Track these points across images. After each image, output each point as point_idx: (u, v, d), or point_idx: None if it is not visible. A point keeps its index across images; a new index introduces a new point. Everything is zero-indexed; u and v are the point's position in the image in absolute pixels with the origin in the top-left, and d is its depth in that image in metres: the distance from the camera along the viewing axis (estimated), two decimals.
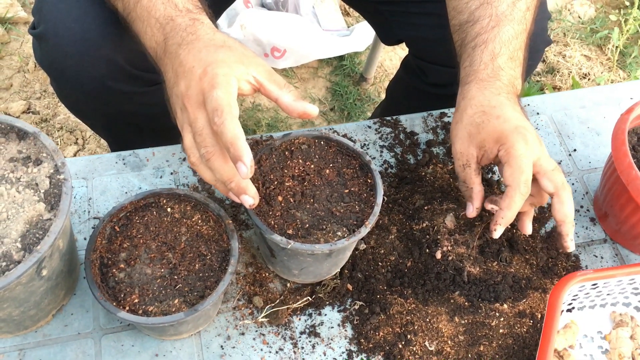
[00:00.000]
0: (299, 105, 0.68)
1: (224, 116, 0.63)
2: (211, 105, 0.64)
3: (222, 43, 0.69)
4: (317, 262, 0.78)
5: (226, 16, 1.80)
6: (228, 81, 0.65)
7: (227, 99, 0.64)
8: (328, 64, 1.93)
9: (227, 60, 0.66)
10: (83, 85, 0.92)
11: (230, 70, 0.66)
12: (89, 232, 0.86)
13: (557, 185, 0.76)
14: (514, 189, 0.74)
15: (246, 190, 0.68)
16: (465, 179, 0.80)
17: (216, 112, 0.63)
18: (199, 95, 0.65)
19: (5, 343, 0.77)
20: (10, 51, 1.83)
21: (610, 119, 1.07)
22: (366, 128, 1.01)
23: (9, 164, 0.69)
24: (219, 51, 0.67)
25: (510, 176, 0.74)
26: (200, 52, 0.67)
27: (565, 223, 0.77)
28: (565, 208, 0.76)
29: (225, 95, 0.64)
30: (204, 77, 0.65)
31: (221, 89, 0.64)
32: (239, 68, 0.67)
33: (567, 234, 0.77)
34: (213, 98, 0.64)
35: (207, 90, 0.64)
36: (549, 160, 0.77)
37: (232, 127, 0.63)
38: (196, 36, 0.69)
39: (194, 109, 0.66)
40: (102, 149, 1.67)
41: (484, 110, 0.78)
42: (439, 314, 0.81)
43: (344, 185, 0.79)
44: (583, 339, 0.84)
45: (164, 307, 0.70)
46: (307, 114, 0.68)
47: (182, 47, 0.68)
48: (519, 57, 0.83)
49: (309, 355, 0.80)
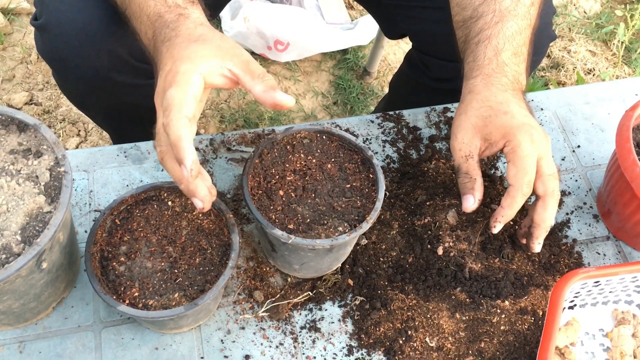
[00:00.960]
0: (269, 95, 0.64)
1: (171, 116, 0.61)
2: (163, 104, 0.62)
3: (197, 37, 0.66)
4: (318, 257, 0.78)
5: (229, 9, 1.79)
6: (187, 79, 0.63)
7: (180, 97, 0.62)
8: (331, 58, 1.92)
9: (193, 56, 0.64)
10: (85, 77, 0.91)
11: (193, 67, 0.63)
12: (89, 224, 0.86)
13: (547, 190, 0.76)
14: (516, 189, 0.75)
15: (195, 193, 0.65)
16: (468, 170, 0.79)
17: (165, 112, 0.62)
18: (161, 94, 0.64)
19: (5, 335, 0.77)
20: (13, 42, 1.82)
21: (615, 115, 1.06)
22: (369, 122, 1.00)
23: (9, 156, 0.69)
24: (190, 46, 0.65)
25: (514, 176, 0.75)
26: (174, 49, 0.65)
27: (539, 227, 0.78)
28: (545, 214, 0.77)
29: (178, 93, 0.62)
30: (168, 75, 0.64)
31: (176, 87, 0.62)
32: (209, 62, 0.64)
33: (537, 237, 0.79)
34: (166, 97, 0.62)
35: (166, 88, 0.63)
36: (550, 163, 0.77)
37: (177, 127, 0.60)
38: (176, 32, 0.67)
39: (158, 107, 0.64)
40: (104, 141, 1.67)
41: (490, 105, 0.78)
42: (440, 310, 0.81)
43: (345, 180, 0.79)
44: (584, 337, 0.84)
45: (164, 300, 0.70)
46: (279, 104, 0.64)
47: (164, 44, 0.67)
48: (523, 52, 0.82)
49: (309, 350, 0.80)
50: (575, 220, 0.94)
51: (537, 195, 0.78)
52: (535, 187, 0.77)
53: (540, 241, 0.79)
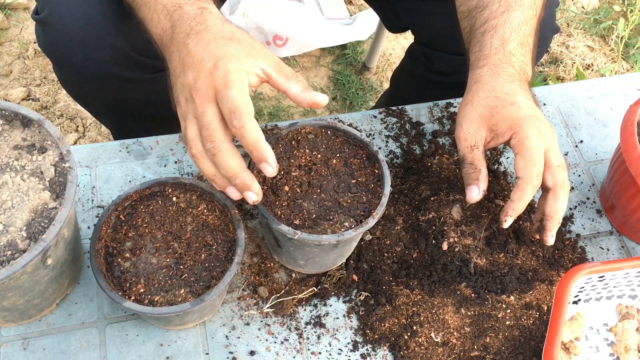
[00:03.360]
0: (308, 95, 0.68)
1: (244, 118, 0.63)
2: (227, 106, 0.64)
3: (231, 35, 0.68)
4: (324, 253, 0.78)
5: (228, 3, 1.78)
6: (241, 78, 0.65)
7: (243, 98, 0.64)
8: (330, 53, 1.91)
9: (237, 55, 0.66)
10: (87, 72, 0.90)
11: (240, 66, 0.65)
12: (92, 220, 0.85)
13: (557, 182, 0.76)
14: (526, 181, 0.75)
15: (251, 187, 0.67)
16: (473, 160, 0.78)
17: (234, 115, 0.63)
18: (209, 90, 0.65)
19: (9, 332, 0.77)
20: (10, 37, 1.81)
21: (618, 110, 1.06)
22: (372, 118, 1.00)
23: (13, 151, 0.68)
24: (228, 44, 0.66)
25: (523, 169, 0.75)
26: (209, 44, 0.66)
27: (552, 219, 0.78)
28: (557, 205, 0.77)
29: (240, 95, 0.64)
30: (215, 72, 0.64)
31: (236, 87, 0.64)
32: (248, 62, 0.66)
33: (550, 229, 0.78)
34: (229, 98, 0.63)
35: (221, 88, 0.64)
36: (557, 155, 0.77)
37: (253, 130, 0.63)
38: (205, 26, 0.68)
39: (202, 102, 0.65)
40: (102, 136, 1.66)
41: (497, 96, 0.77)
42: (445, 306, 0.81)
43: (351, 175, 0.78)
44: (589, 331, 0.84)
45: (170, 297, 0.69)
46: (316, 103, 0.68)
47: (190, 36, 0.67)
48: (529, 43, 0.82)
49: (314, 345, 0.80)
50: (579, 215, 0.94)
51: (547, 188, 0.77)
52: (544, 180, 0.76)
53: (554, 233, 0.78)
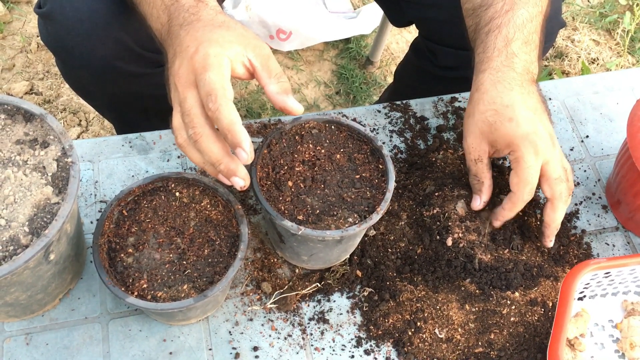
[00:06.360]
0: (280, 98, 0.66)
1: (219, 101, 0.61)
2: (204, 88, 0.62)
3: (221, 23, 0.67)
4: (327, 248, 0.77)
5: None
6: (220, 62, 0.63)
7: (221, 81, 0.62)
8: (334, 47, 1.90)
9: (221, 40, 0.64)
10: (90, 65, 0.90)
11: (222, 50, 0.63)
12: (95, 215, 0.85)
13: (554, 194, 0.79)
14: (517, 197, 0.78)
15: (236, 172, 0.65)
16: (477, 173, 0.82)
17: (210, 97, 0.61)
18: (189, 75, 0.63)
19: (12, 327, 0.76)
20: (12, 31, 1.80)
21: (624, 105, 1.05)
22: (376, 112, 0.99)
23: (15, 146, 0.68)
24: (215, 30, 0.65)
25: (516, 185, 0.78)
26: (197, 32, 0.65)
27: (550, 227, 0.82)
28: (555, 215, 0.80)
29: (218, 77, 0.62)
30: (195, 56, 0.63)
31: (213, 70, 0.62)
32: (234, 48, 0.65)
33: (549, 235, 0.83)
34: (206, 81, 0.62)
35: (200, 71, 0.62)
36: (556, 167, 0.78)
37: (228, 112, 0.61)
38: (197, 17, 0.67)
39: (183, 88, 0.64)
40: (105, 131, 1.66)
41: (496, 109, 0.78)
42: (450, 302, 0.80)
43: (354, 170, 0.78)
44: (594, 328, 0.83)
45: (173, 292, 0.69)
46: (287, 109, 0.66)
47: (183, 27, 0.67)
48: (534, 40, 0.81)
49: (318, 341, 0.79)
50: (584, 210, 0.94)
51: (546, 198, 0.80)
52: (543, 190, 0.80)
53: (552, 238, 0.83)
